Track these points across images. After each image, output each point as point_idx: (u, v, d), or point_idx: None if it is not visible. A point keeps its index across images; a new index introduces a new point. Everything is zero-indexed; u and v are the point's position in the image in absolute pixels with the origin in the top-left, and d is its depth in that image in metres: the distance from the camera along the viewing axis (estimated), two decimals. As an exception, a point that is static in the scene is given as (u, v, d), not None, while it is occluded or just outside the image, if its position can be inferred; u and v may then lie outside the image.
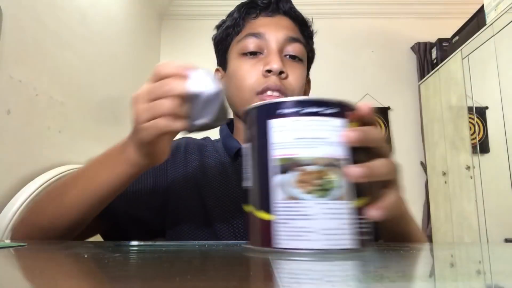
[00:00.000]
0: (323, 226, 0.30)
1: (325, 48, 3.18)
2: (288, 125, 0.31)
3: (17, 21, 1.36)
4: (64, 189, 0.50)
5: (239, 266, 0.31)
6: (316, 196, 0.30)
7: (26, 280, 0.26)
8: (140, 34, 2.72)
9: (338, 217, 0.30)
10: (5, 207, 1.25)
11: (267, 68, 0.60)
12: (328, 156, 0.31)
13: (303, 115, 0.31)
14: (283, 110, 0.31)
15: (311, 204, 0.30)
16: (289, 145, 0.31)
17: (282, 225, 0.30)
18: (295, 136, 0.31)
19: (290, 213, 0.30)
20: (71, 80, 1.71)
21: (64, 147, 1.64)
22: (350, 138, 0.31)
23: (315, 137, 0.30)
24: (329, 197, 0.30)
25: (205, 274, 0.27)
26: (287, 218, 0.30)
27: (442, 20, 3.15)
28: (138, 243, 0.48)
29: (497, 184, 2.07)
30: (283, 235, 0.30)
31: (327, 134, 0.31)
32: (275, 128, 0.31)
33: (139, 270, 0.30)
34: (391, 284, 0.21)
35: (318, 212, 0.30)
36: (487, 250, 0.46)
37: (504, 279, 0.25)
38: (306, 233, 0.30)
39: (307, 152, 0.30)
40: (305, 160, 0.30)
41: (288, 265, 0.29)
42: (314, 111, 0.31)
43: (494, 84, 2.06)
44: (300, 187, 0.30)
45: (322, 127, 0.31)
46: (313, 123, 0.31)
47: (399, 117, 3.11)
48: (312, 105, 0.31)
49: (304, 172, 0.30)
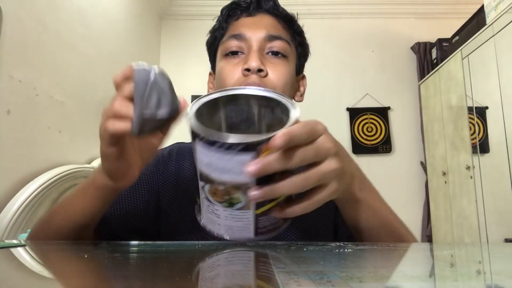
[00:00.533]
0: (228, 224, 0.38)
1: (325, 48, 3.18)
2: (205, 151, 0.35)
3: (17, 21, 1.36)
4: (51, 219, 0.53)
5: (241, 266, 0.31)
6: (223, 206, 0.37)
7: (26, 280, 0.26)
8: (140, 34, 2.72)
9: (240, 220, 0.38)
10: (5, 207, 1.25)
11: (246, 67, 0.60)
12: (233, 181, 0.35)
13: (215, 149, 0.34)
14: (204, 139, 0.34)
15: (219, 209, 0.38)
16: (206, 166, 0.36)
17: (204, 212, 0.41)
18: (208, 161, 0.35)
19: (207, 208, 0.39)
20: (71, 80, 1.71)
21: (64, 147, 1.64)
22: (250, 172, 0.33)
23: (223, 167, 0.35)
24: (234, 208, 0.37)
25: (204, 274, 0.27)
26: (205, 211, 0.40)
27: (442, 20, 3.16)
28: (138, 243, 0.48)
29: (497, 184, 2.07)
30: (205, 219, 0.41)
31: (233, 166, 0.34)
32: (199, 149, 0.36)
33: (139, 270, 0.30)
34: (391, 283, 0.21)
35: (224, 215, 0.38)
36: (487, 250, 0.46)
37: (504, 279, 0.25)
38: (217, 225, 0.39)
39: (217, 175, 0.35)
40: (216, 180, 0.36)
41: (289, 264, 0.29)
42: (226, 147, 0.34)
43: (494, 84, 2.06)
44: (212, 195, 0.37)
45: (230, 161, 0.34)
46: (222, 157, 0.34)
47: (399, 117, 3.11)
48: (220, 139, 0.34)
49: (215, 187, 0.36)
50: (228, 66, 0.63)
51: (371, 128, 3.07)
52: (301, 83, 0.73)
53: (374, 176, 3.08)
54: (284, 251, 0.38)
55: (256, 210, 0.37)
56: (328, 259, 0.32)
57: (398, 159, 3.06)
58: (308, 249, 0.39)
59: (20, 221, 1.25)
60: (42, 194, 1.35)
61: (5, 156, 1.29)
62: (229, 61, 0.64)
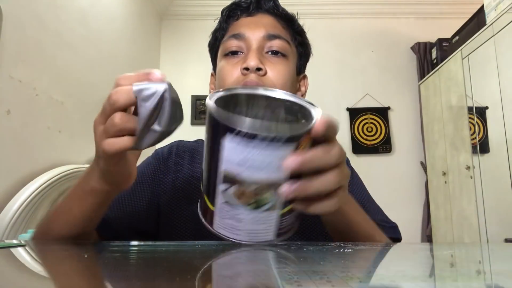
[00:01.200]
0: (250, 228, 0.36)
1: (325, 48, 3.18)
2: (240, 148, 0.32)
3: (17, 21, 1.36)
4: (50, 227, 0.52)
5: (240, 266, 0.31)
6: (249, 208, 0.34)
7: (26, 280, 0.26)
8: (140, 34, 2.72)
9: (264, 222, 0.36)
10: (5, 207, 1.25)
11: (244, 66, 0.60)
12: (268, 179, 0.33)
13: (257, 142, 0.31)
14: (242, 132, 0.31)
15: (244, 212, 0.35)
16: (237, 165, 0.32)
17: (219, 218, 0.37)
18: (243, 159, 0.32)
19: (225, 213, 0.36)
20: (71, 80, 1.71)
21: (64, 147, 1.64)
22: (289, 166, 0.32)
23: (260, 164, 0.32)
24: (260, 209, 0.34)
25: (204, 274, 0.27)
26: (223, 217, 0.36)
27: (442, 20, 3.16)
28: (138, 243, 0.48)
29: (497, 184, 2.07)
30: (218, 224, 0.37)
31: (271, 161, 0.32)
32: (231, 146, 0.32)
33: (139, 270, 0.30)
34: (391, 283, 0.21)
35: (248, 219, 0.35)
36: (487, 250, 0.45)
37: (504, 279, 0.25)
38: (236, 230, 0.36)
39: (250, 174, 0.32)
40: (247, 180, 0.33)
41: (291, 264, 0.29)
42: (270, 139, 0.32)
43: (494, 84, 2.06)
44: (238, 198, 0.34)
45: (269, 156, 0.32)
46: (262, 152, 0.32)
47: (399, 117, 3.11)
48: (264, 131, 0.31)
49: (244, 188, 0.33)
50: (227, 65, 0.63)
51: (371, 128, 3.07)
52: (302, 83, 0.73)
53: (374, 176, 3.11)
54: (284, 251, 0.38)
55: (282, 210, 0.36)
56: (328, 259, 0.32)
57: (398, 159, 3.06)
58: (308, 249, 0.39)
59: (20, 221, 1.25)
60: (42, 194, 1.35)
61: (5, 156, 1.29)
62: (229, 60, 0.64)
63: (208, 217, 0.38)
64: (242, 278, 0.26)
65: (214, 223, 0.37)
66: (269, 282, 0.23)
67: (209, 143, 0.34)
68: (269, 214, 0.35)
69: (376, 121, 3.08)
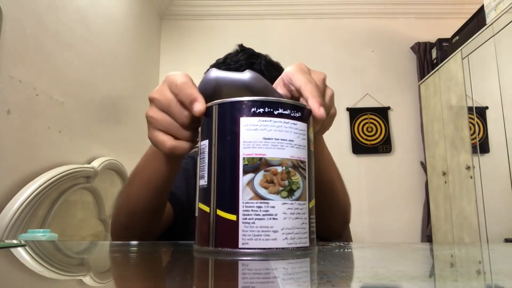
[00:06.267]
0: (286, 225, 0.31)
1: (325, 48, 3.18)
2: (258, 125, 0.31)
3: (17, 21, 1.36)
4: (129, 190, 0.55)
5: (240, 266, 0.31)
6: (281, 197, 0.31)
7: (26, 280, 0.26)
8: (140, 34, 2.72)
9: (299, 216, 0.32)
10: (5, 207, 1.25)
11: None
12: (293, 158, 0.32)
13: (272, 116, 0.31)
14: (254, 109, 0.31)
15: (277, 203, 0.31)
16: (258, 144, 0.31)
17: (246, 226, 0.30)
18: (264, 136, 0.31)
19: (255, 214, 0.30)
20: (71, 80, 1.71)
21: (64, 147, 1.64)
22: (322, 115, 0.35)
23: (283, 139, 0.31)
24: (293, 198, 0.31)
25: (204, 274, 0.27)
26: (251, 221, 0.30)
27: (442, 20, 3.16)
28: (138, 243, 0.48)
29: (497, 184, 2.07)
30: (246, 236, 0.30)
31: (293, 136, 0.32)
32: (246, 127, 0.31)
33: (139, 270, 0.30)
34: (391, 283, 0.21)
35: (283, 211, 0.31)
36: (487, 250, 0.45)
37: (504, 279, 0.25)
38: (271, 233, 0.30)
39: (275, 153, 0.31)
40: (273, 161, 0.31)
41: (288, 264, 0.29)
42: (284, 113, 0.32)
43: (494, 84, 2.06)
44: (267, 187, 0.31)
45: (290, 129, 0.32)
46: (282, 125, 0.31)
47: (399, 117, 3.11)
48: (282, 107, 0.32)
49: (272, 172, 0.31)
50: None
51: (371, 128, 3.07)
52: None
53: (374, 176, 3.10)
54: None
55: (310, 202, 0.33)
56: (328, 259, 0.32)
57: (398, 159, 3.06)
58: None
59: (20, 221, 1.25)
60: (42, 194, 1.35)
61: (5, 156, 1.29)
62: None
63: (226, 236, 0.31)
64: (241, 278, 0.26)
65: (240, 238, 0.30)
66: (268, 283, 0.23)
67: (218, 138, 0.32)
68: (301, 205, 0.32)
69: (376, 121, 3.08)
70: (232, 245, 0.30)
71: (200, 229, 0.33)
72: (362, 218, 2.90)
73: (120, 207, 0.56)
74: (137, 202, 0.52)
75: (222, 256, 0.31)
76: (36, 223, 1.36)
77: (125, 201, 0.55)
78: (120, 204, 0.56)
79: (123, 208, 0.55)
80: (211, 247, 0.31)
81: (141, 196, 0.51)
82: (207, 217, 0.32)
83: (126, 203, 0.54)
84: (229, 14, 3.21)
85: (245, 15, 3.21)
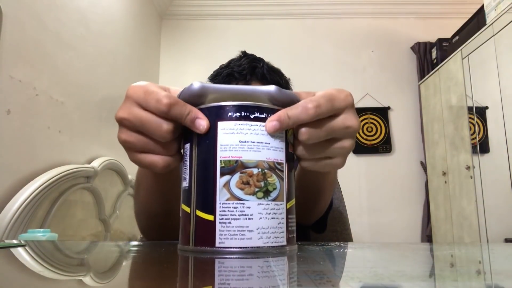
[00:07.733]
0: (261, 225, 0.32)
1: (325, 48, 3.18)
2: (235, 128, 0.33)
3: (17, 21, 1.36)
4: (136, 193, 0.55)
5: (240, 267, 0.31)
6: (257, 197, 0.32)
7: (26, 280, 0.26)
8: (140, 34, 2.72)
9: (276, 216, 0.33)
10: (5, 207, 1.25)
11: None
12: (270, 160, 0.33)
13: (249, 119, 0.33)
14: (230, 113, 0.33)
15: (252, 205, 0.32)
16: (235, 147, 0.32)
17: (222, 226, 0.32)
18: (240, 139, 0.32)
19: (231, 214, 0.32)
20: (71, 80, 1.71)
21: (64, 147, 1.64)
22: (269, 129, 0.33)
23: (259, 141, 0.33)
24: (269, 198, 0.33)
25: (204, 273, 0.27)
26: (227, 221, 0.32)
27: (442, 20, 3.16)
28: (138, 243, 0.48)
29: (497, 184, 2.07)
30: (223, 236, 0.32)
31: (270, 139, 0.33)
32: (223, 130, 0.33)
33: (139, 270, 0.30)
34: (391, 283, 0.21)
35: (258, 211, 0.32)
36: (487, 250, 0.45)
37: (504, 279, 0.25)
38: (247, 233, 0.32)
39: (251, 155, 0.32)
40: (249, 163, 0.32)
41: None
42: (260, 117, 0.33)
43: (494, 84, 2.06)
44: (243, 188, 0.32)
45: (266, 132, 0.33)
46: (258, 128, 0.33)
47: (399, 117, 3.11)
48: (258, 111, 0.33)
49: (247, 174, 0.32)
50: None
51: (371, 128, 3.07)
52: None
53: (374, 176, 3.11)
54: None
55: (288, 202, 0.34)
56: (328, 259, 0.32)
57: (398, 159, 3.06)
58: (308, 249, 0.39)
59: (20, 221, 1.25)
60: (42, 194, 1.35)
61: (5, 156, 1.29)
62: None
63: (204, 236, 0.32)
64: (241, 278, 0.26)
65: (216, 237, 0.31)
66: (268, 283, 0.23)
67: (197, 142, 0.34)
68: (278, 206, 0.33)
69: (376, 121, 3.08)
70: (210, 244, 0.32)
71: (183, 229, 0.34)
72: (362, 218, 2.89)
73: (137, 214, 0.58)
74: (148, 208, 0.53)
75: (201, 255, 0.32)
76: (36, 223, 1.36)
77: (140, 208, 0.56)
78: (136, 211, 0.58)
79: (139, 215, 0.57)
80: (191, 246, 0.33)
81: (149, 202, 0.52)
82: (188, 217, 0.34)
83: (141, 210, 0.56)
84: (229, 14, 3.21)
85: (245, 15, 3.21)
